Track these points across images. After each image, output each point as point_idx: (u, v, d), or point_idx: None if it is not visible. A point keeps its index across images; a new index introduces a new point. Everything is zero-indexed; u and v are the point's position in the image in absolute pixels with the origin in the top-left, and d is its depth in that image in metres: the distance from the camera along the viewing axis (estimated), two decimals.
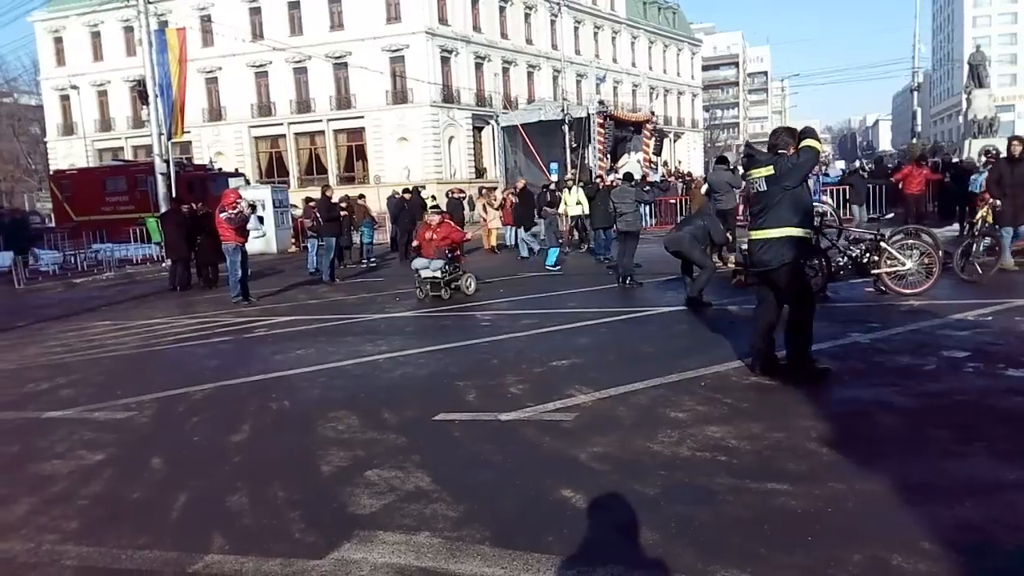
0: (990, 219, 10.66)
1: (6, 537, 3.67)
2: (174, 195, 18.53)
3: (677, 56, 66.89)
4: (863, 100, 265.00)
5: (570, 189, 18.18)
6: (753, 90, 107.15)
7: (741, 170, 9.48)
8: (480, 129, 45.00)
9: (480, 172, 44.95)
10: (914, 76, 39.35)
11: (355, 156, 45.74)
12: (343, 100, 44.73)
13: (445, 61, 43.64)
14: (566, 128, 31.10)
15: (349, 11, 43.58)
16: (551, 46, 49.79)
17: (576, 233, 18.90)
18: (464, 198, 22.77)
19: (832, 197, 19.56)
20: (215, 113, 47.47)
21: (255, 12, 45.50)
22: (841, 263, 9.66)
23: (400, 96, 43.21)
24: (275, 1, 44.92)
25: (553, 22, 49.59)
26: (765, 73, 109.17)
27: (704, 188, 15.04)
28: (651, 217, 23.54)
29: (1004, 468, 3.70)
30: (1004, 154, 11.04)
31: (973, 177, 14.86)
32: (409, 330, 9.10)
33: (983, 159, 19.54)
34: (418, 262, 10.95)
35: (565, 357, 6.66)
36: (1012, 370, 5.38)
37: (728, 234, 11.38)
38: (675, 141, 59.57)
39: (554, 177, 22.69)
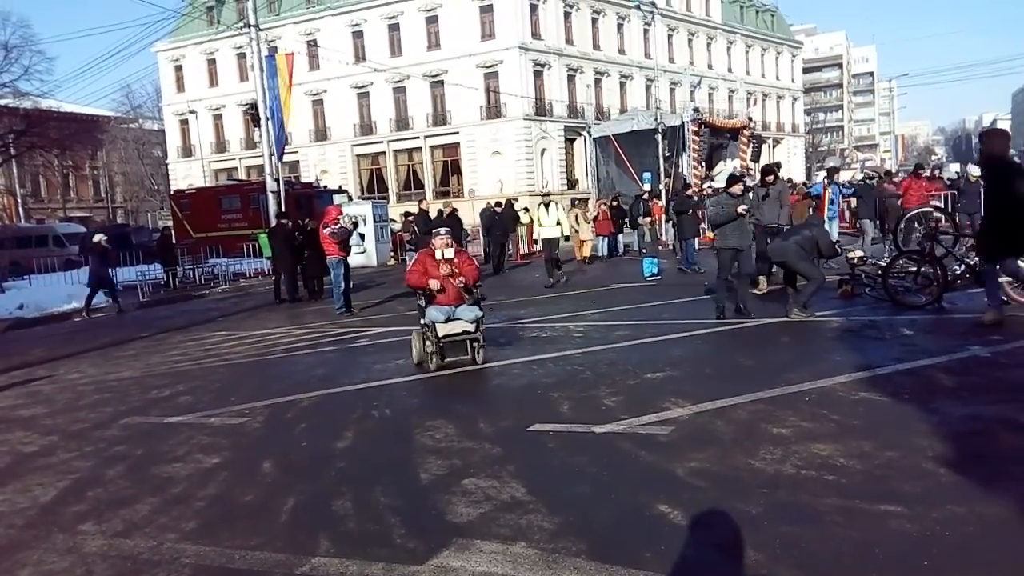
0: None
1: (131, 535, 3.95)
2: (283, 211, 19.50)
3: (776, 59, 64.86)
4: (979, 99, 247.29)
5: (547, 207, 15.45)
6: (858, 92, 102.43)
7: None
8: (572, 141, 45.10)
9: (572, 183, 44.98)
10: None
11: (450, 171, 46.84)
12: (439, 117, 45.90)
13: (537, 75, 44.05)
14: (659, 137, 30.70)
15: (445, 30, 44.78)
16: (644, 55, 49.38)
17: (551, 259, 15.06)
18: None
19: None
20: (320, 133, 49.73)
21: (358, 35, 47.47)
22: (958, 272, 9.08)
23: (494, 111, 43.92)
24: (376, 24, 46.74)
25: (646, 31, 49.18)
26: (871, 74, 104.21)
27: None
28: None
29: None
30: None
31: None
32: (502, 341, 9.19)
33: None
34: (433, 312, 7.23)
35: (660, 369, 6.56)
36: None
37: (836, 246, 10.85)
38: (774, 147, 57.64)
39: (647, 187, 22.38)
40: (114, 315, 16.21)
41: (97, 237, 17.13)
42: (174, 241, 24.06)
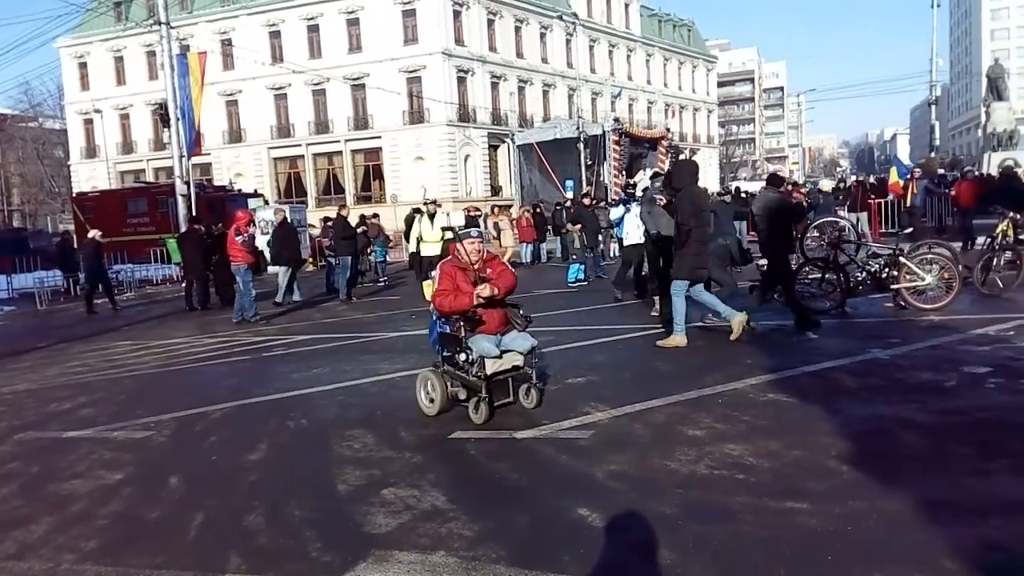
0: (1011, 233, 10.53)
1: (25, 557, 3.70)
2: (195, 215, 18.78)
3: (692, 73, 67.08)
4: (880, 114, 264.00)
5: (431, 218, 13.74)
6: (769, 105, 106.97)
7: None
8: (496, 147, 45.31)
9: (496, 190, 45.20)
10: (932, 90, 39.09)
11: (372, 176, 46.25)
12: (360, 121, 45.29)
13: (461, 81, 44.10)
14: (581, 146, 31.19)
15: (367, 33, 44.27)
16: (567, 64, 50.20)
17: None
18: (480, 216, 22.90)
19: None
20: (235, 135, 48.23)
21: (275, 36, 46.35)
22: (860, 278, 9.58)
23: (417, 116, 43.68)
24: (295, 25, 45.76)
25: (569, 41, 50.03)
26: (781, 88, 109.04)
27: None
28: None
29: None
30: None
31: None
32: (425, 348, 9.09)
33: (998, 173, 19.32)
34: (485, 344, 5.27)
35: (581, 374, 6.64)
36: None
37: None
38: (691, 157, 59.58)
39: (569, 194, 22.71)
40: (31, 318, 15.22)
41: (92, 233, 16.46)
42: (75, 246, 22.77)
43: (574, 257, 16.37)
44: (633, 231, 10.99)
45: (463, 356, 5.31)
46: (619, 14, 56.82)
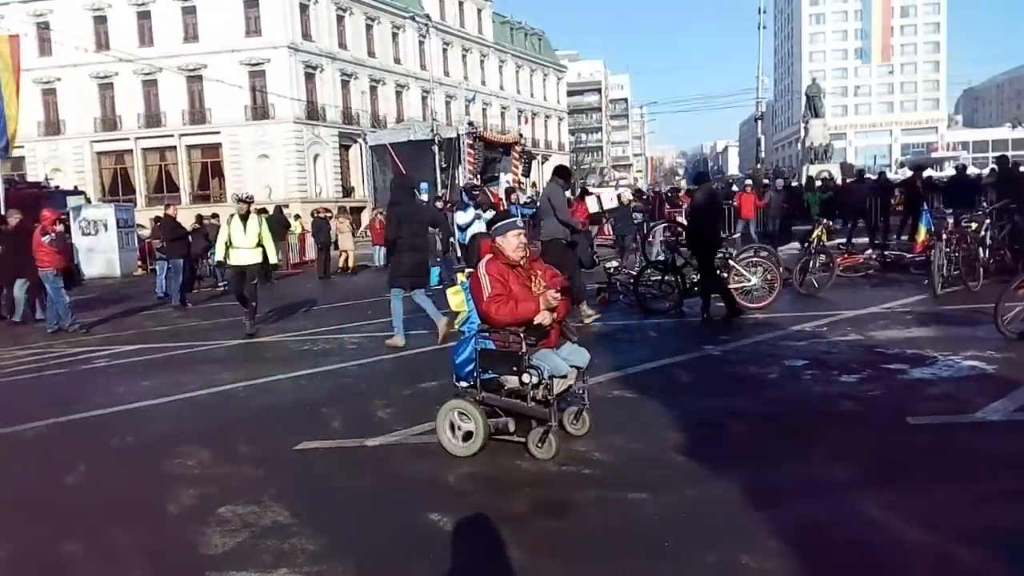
0: (825, 238, 11.66)
1: None
2: (2, 215, 16.79)
3: (544, 80, 68.97)
4: (714, 127, 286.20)
5: (243, 220, 9.71)
6: (615, 116, 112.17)
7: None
8: (348, 147, 44.24)
9: (348, 191, 44.10)
10: (757, 106, 42.63)
11: (211, 173, 43.55)
12: (197, 114, 42.57)
13: (309, 77, 42.63)
14: (436, 148, 31.21)
15: (205, 23, 41.70)
16: (420, 66, 49.91)
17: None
18: (330, 217, 22.23)
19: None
20: (52, 127, 43.82)
21: (100, 21, 42.59)
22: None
23: (260, 112, 41.70)
24: (123, 10, 42.27)
25: (422, 43, 49.79)
26: (625, 100, 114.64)
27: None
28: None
29: (839, 468, 4.01)
30: (838, 179, 12.13)
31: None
32: (270, 356, 8.69)
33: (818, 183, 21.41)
34: (555, 359, 4.40)
35: (436, 378, 6.57)
36: (844, 376, 5.86)
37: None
38: (543, 163, 61.21)
39: (424, 197, 22.58)
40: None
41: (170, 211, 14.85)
42: None
43: (438, 260, 16.26)
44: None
45: (527, 377, 4.25)
46: (472, 19, 57.38)
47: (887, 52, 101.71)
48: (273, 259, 10.35)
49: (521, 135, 39.50)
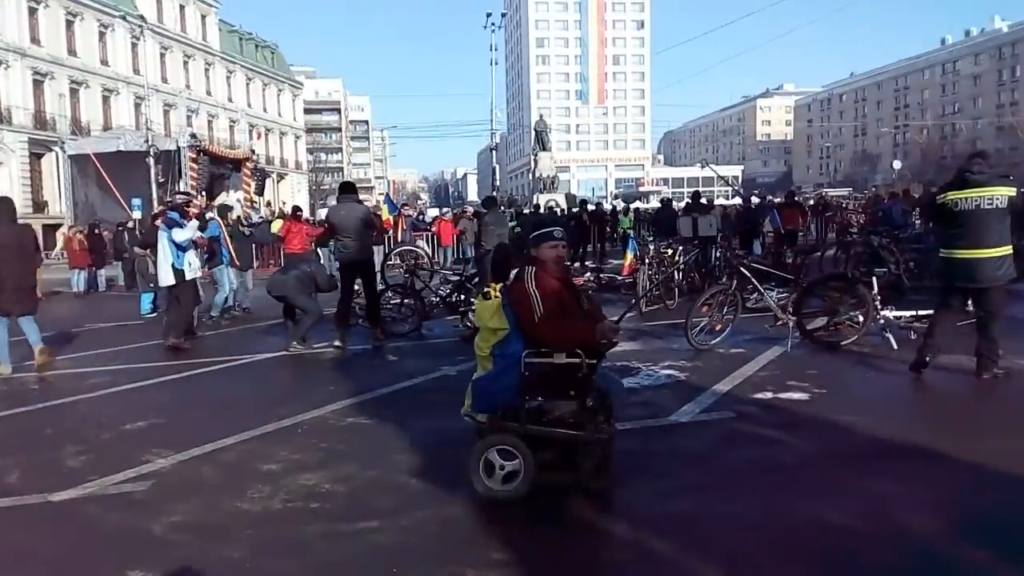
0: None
1: None
2: None
3: (278, 96, 66.16)
4: (455, 154, 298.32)
5: None
6: (356, 137, 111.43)
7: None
8: (40, 156, 38.38)
9: (40, 206, 38.09)
10: (492, 137, 45.11)
11: None
12: None
13: None
14: (152, 160, 28.34)
15: None
16: (133, 70, 45.10)
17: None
18: None
19: None
20: None
21: None
22: (434, 302, 10.45)
23: None
24: None
25: (135, 45, 45.08)
26: (366, 122, 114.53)
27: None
28: (255, 259, 22.72)
29: (558, 473, 4.28)
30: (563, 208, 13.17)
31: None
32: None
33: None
34: (616, 380, 4.64)
35: (142, 418, 5.87)
36: None
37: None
38: (279, 182, 58.61)
39: (136, 214, 20.33)
40: None
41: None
42: None
43: (151, 285, 14.53)
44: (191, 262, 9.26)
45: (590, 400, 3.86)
46: (195, 24, 53.24)
47: (602, 95, 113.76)
48: None
49: (253, 151, 37.31)
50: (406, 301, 10.13)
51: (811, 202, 23.50)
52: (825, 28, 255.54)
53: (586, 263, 18.05)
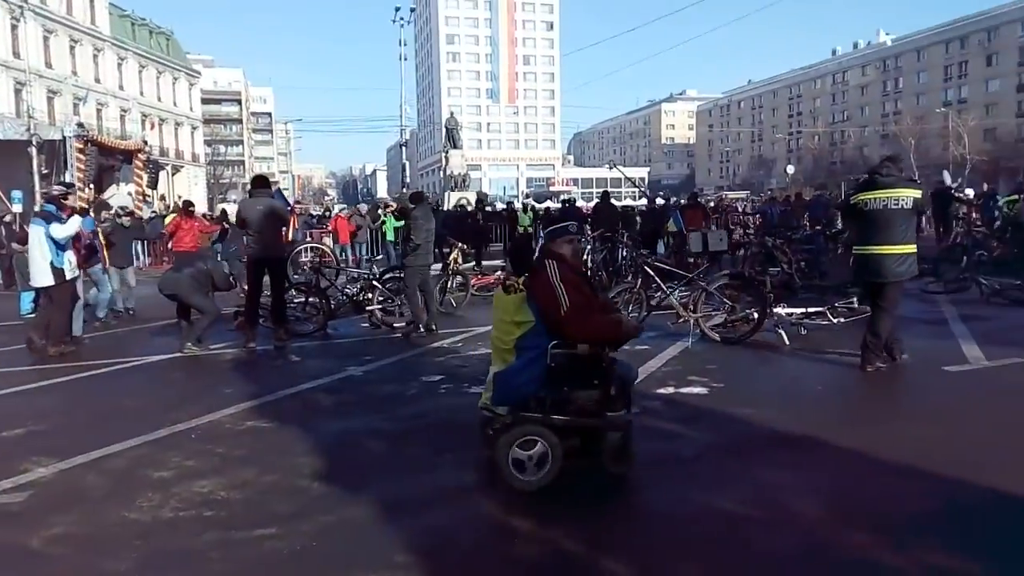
0: (460, 261, 12.57)
1: None
2: None
3: (173, 84, 62.96)
4: (363, 149, 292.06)
5: None
6: (258, 129, 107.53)
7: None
8: None
9: None
10: (402, 133, 44.60)
11: None
12: None
13: None
14: (34, 151, 26.45)
15: None
16: (13, 54, 41.93)
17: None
18: None
19: None
20: None
21: None
22: (340, 301, 10.22)
23: None
24: None
25: (15, 27, 41.92)
26: (269, 114, 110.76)
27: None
28: (145, 255, 21.65)
29: (464, 474, 4.27)
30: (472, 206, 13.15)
31: None
32: None
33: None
34: (627, 366, 4.44)
35: (20, 425, 5.46)
36: (475, 388, 6.29)
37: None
38: (174, 174, 55.83)
39: (17, 208, 18.88)
40: None
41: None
42: None
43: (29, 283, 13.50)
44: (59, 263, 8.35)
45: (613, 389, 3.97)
46: (82, 7, 49.90)
47: (513, 95, 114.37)
48: None
49: (146, 142, 35.28)
50: (311, 300, 9.86)
51: (711, 204, 24.42)
52: (725, 35, 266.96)
53: (482, 263, 17.99)
